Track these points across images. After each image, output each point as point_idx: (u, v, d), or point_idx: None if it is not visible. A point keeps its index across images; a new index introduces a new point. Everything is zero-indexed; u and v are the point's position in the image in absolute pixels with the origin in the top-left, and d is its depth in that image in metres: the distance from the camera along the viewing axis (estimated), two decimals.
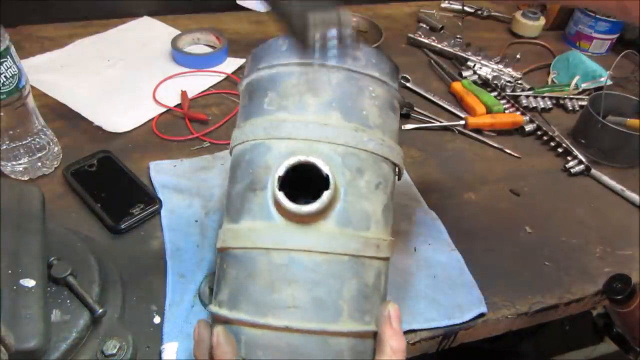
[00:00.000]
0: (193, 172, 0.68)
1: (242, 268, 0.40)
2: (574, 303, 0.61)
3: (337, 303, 0.38)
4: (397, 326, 0.39)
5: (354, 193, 0.40)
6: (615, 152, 0.79)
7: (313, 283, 0.38)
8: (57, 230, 0.54)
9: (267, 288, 0.38)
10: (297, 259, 0.38)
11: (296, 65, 0.43)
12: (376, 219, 0.41)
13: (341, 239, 0.39)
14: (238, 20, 1.06)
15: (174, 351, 0.49)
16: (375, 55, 0.44)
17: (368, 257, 0.40)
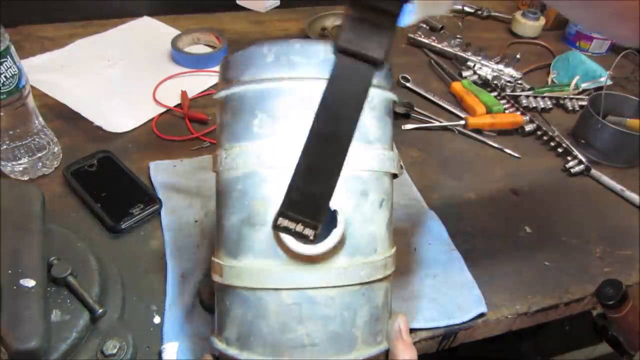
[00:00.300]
0: (193, 172, 0.68)
1: (249, 308, 0.38)
2: (574, 303, 0.61)
3: (351, 332, 0.38)
4: (407, 338, 0.39)
5: (360, 219, 0.39)
6: (615, 152, 0.79)
7: (327, 318, 0.37)
8: (57, 230, 0.54)
9: (279, 328, 0.37)
10: (309, 297, 0.37)
11: (288, 81, 0.38)
12: (381, 238, 0.40)
13: (351, 270, 0.37)
14: (238, 20, 1.06)
15: (174, 351, 0.49)
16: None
17: (377, 280, 0.39)
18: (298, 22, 1.07)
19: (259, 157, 0.38)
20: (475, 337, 0.58)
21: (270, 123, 0.38)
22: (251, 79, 0.39)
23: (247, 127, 0.39)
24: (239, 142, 0.40)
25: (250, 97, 0.39)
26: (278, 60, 0.39)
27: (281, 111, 0.38)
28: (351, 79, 0.27)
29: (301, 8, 1.12)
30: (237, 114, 0.40)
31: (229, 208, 0.40)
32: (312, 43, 0.39)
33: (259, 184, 0.38)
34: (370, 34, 0.27)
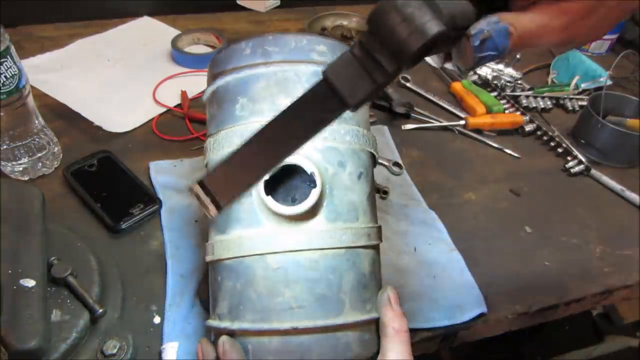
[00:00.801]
0: (193, 172, 0.68)
1: (238, 278, 0.39)
2: (574, 303, 0.61)
3: (338, 297, 0.39)
4: (397, 308, 0.40)
5: (339, 186, 0.41)
6: (615, 152, 0.79)
7: (313, 281, 0.38)
8: (57, 230, 0.54)
9: (267, 293, 0.38)
10: (293, 260, 0.38)
11: (263, 66, 0.42)
12: (363, 208, 0.42)
13: (333, 233, 0.39)
14: (238, 20, 1.06)
15: (174, 351, 0.49)
16: (339, 47, 0.45)
17: (361, 246, 0.41)
18: (298, 22, 1.07)
19: (242, 135, 0.41)
20: (475, 337, 0.58)
21: (250, 105, 0.42)
22: (232, 70, 0.43)
23: (231, 112, 0.43)
24: (223, 126, 0.43)
25: (232, 86, 0.43)
26: (255, 51, 0.43)
27: (259, 94, 0.42)
28: (318, 105, 0.29)
29: (301, 8, 1.12)
30: (221, 103, 0.44)
31: None
32: (284, 35, 0.43)
33: None
34: (357, 77, 0.28)
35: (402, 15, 0.26)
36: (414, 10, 0.26)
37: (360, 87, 0.28)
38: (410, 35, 0.26)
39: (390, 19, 0.26)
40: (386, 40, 0.27)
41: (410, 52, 0.26)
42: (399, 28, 0.26)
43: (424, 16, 0.26)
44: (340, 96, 0.28)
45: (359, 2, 1.15)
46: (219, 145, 0.42)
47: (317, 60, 0.43)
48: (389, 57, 0.27)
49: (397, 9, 0.26)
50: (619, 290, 0.63)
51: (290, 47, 0.43)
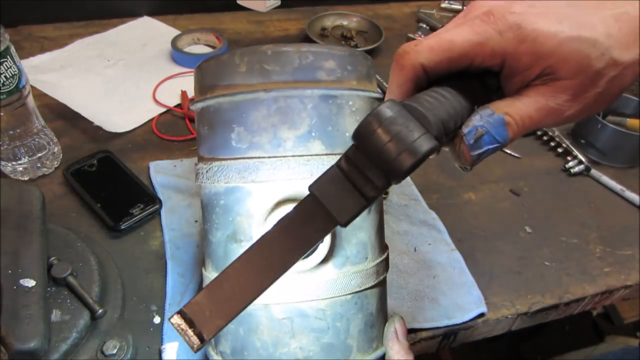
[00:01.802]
0: (193, 172, 0.68)
1: (241, 323, 0.38)
2: (574, 303, 0.61)
3: (346, 343, 0.37)
4: (404, 341, 0.39)
5: (349, 228, 0.37)
6: (615, 152, 0.79)
7: (319, 330, 0.37)
8: (57, 230, 0.54)
9: (272, 344, 0.37)
10: (300, 310, 0.37)
11: (263, 91, 0.36)
12: (372, 244, 0.40)
13: (342, 281, 0.37)
14: (238, 20, 1.06)
15: (174, 351, 0.49)
16: (349, 60, 0.39)
17: (370, 287, 0.39)
18: (298, 22, 1.07)
19: (240, 172, 0.37)
20: (475, 337, 0.58)
21: (248, 136, 0.37)
22: (225, 90, 0.38)
23: (225, 140, 0.38)
24: (218, 155, 0.39)
25: (225, 109, 0.38)
26: (252, 69, 0.37)
27: (258, 123, 0.37)
28: (307, 224, 0.28)
29: (301, 8, 1.12)
30: (213, 126, 0.39)
31: (214, 223, 0.39)
32: (285, 49, 0.37)
33: (242, 199, 0.37)
34: (347, 194, 0.27)
35: (390, 134, 0.25)
36: (402, 128, 0.25)
37: (351, 204, 0.27)
38: (400, 155, 0.25)
39: (378, 137, 0.25)
40: (375, 159, 0.25)
41: (401, 172, 0.25)
42: (387, 147, 0.25)
43: (413, 133, 0.25)
44: (330, 214, 0.27)
45: (359, 2, 1.16)
46: (214, 176, 0.38)
47: (325, 80, 0.37)
48: (378, 173, 0.26)
49: (385, 127, 0.25)
50: (619, 290, 0.63)
51: (294, 65, 0.37)
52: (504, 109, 0.30)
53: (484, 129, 0.29)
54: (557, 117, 0.30)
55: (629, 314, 1.32)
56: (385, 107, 0.26)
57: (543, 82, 0.29)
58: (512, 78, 0.30)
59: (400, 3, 1.20)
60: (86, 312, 0.47)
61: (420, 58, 0.30)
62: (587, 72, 0.28)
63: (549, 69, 0.29)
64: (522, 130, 0.30)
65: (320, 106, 0.37)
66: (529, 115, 0.30)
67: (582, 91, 0.29)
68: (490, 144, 0.30)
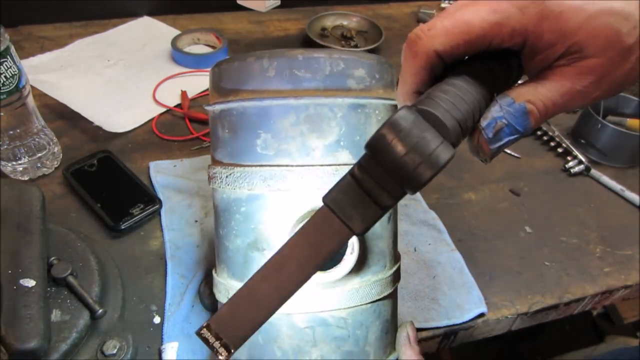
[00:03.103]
0: (193, 172, 0.68)
1: (260, 332, 0.36)
2: (574, 303, 0.61)
3: (364, 350, 0.38)
4: (415, 346, 0.39)
5: (371, 237, 0.38)
6: (615, 152, 0.79)
7: (340, 339, 0.37)
8: (57, 230, 0.54)
9: (293, 352, 0.37)
10: (322, 320, 0.37)
11: (293, 98, 0.36)
12: (390, 252, 0.40)
13: (364, 290, 0.37)
14: (238, 20, 1.06)
15: (174, 351, 0.49)
16: (377, 68, 0.38)
17: (387, 296, 0.39)
18: (298, 22, 1.07)
19: (265, 179, 0.36)
20: (475, 337, 0.58)
21: (275, 144, 0.36)
22: (251, 95, 0.37)
23: (250, 146, 0.37)
24: (241, 161, 0.38)
25: (251, 114, 0.37)
26: (281, 74, 0.36)
27: (286, 131, 0.36)
28: (324, 235, 0.28)
29: (301, 8, 1.12)
30: (236, 131, 0.38)
31: (232, 230, 0.38)
32: (316, 55, 0.36)
33: (266, 207, 0.37)
34: (362, 204, 0.26)
35: (407, 146, 0.24)
36: (419, 139, 0.24)
37: (367, 215, 0.26)
38: (418, 167, 0.24)
39: (394, 149, 0.24)
40: (391, 169, 0.25)
41: (420, 184, 0.25)
42: (405, 159, 0.24)
43: (431, 143, 0.24)
44: (345, 225, 0.27)
45: (359, 2, 1.16)
46: (235, 182, 0.37)
47: (355, 89, 0.37)
48: (394, 183, 0.25)
49: (401, 137, 0.24)
50: (619, 290, 0.63)
51: (325, 72, 0.36)
52: (525, 96, 0.27)
53: (503, 122, 0.27)
54: (582, 100, 0.28)
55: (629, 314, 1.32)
56: (400, 116, 0.25)
57: (568, 63, 0.27)
58: (534, 57, 0.28)
59: (400, 3, 1.20)
60: (86, 312, 0.47)
61: (434, 44, 0.28)
62: (616, 49, 0.26)
63: (575, 46, 0.26)
64: (546, 117, 0.28)
65: (349, 115, 0.37)
66: (553, 100, 0.28)
67: (610, 70, 0.27)
68: (511, 135, 0.28)
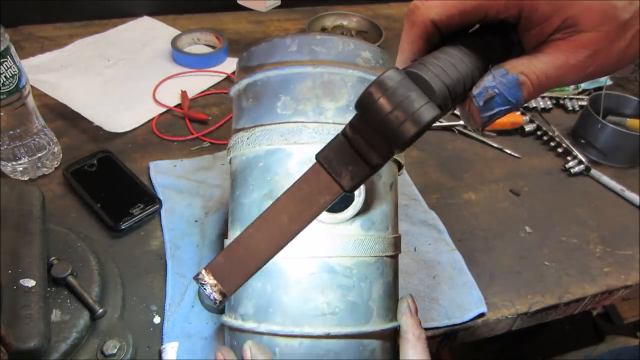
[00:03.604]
0: (193, 172, 0.68)
1: (269, 280, 0.38)
2: (574, 303, 0.61)
3: (368, 304, 0.39)
4: (417, 317, 0.40)
5: (375, 196, 0.40)
6: (615, 152, 0.79)
7: (346, 288, 0.38)
8: (57, 230, 0.54)
9: (300, 298, 0.37)
10: (329, 266, 0.38)
11: (310, 66, 0.41)
12: (392, 217, 0.42)
13: (367, 242, 0.39)
14: (238, 20, 1.06)
15: (174, 351, 0.49)
16: (381, 55, 0.44)
17: (389, 256, 0.41)
18: (298, 22, 1.07)
19: (283, 134, 0.40)
20: (475, 337, 0.58)
21: (293, 104, 0.41)
22: (275, 66, 0.42)
23: (271, 109, 0.41)
24: (262, 122, 0.41)
25: (274, 81, 0.42)
26: (301, 49, 0.42)
27: (304, 94, 0.41)
28: (315, 190, 0.29)
29: (301, 8, 1.12)
30: (259, 98, 0.42)
31: (249, 185, 0.41)
32: (331, 36, 0.42)
33: (283, 159, 0.40)
34: (352, 162, 0.28)
35: (393, 102, 0.25)
36: (404, 98, 0.25)
37: (356, 172, 0.27)
38: (402, 123, 0.25)
39: (380, 106, 0.25)
40: (378, 127, 0.26)
41: (404, 141, 0.25)
42: (390, 116, 0.25)
43: (415, 102, 0.25)
44: (335, 181, 0.28)
45: (359, 2, 1.15)
46: (255, 140, 0.41)
47: (362, 66, 0.42)
48: (382, 142, 0.26)
49: (387, 95, 0.25)
50: (619, 290, 0.63)
51: (338, 50, 0.42)
52: (519, 68, 0.28)
53: (494, 91, 0.28)
54: (577, 75, 0.28)
55: (629, 314, 1.33)
56: (386, 76, 0.25)
57: (563, 37, 0.27)
58: (530, 31, 0.28)
59: (400, 3, 1.20)
60: (86, 312, 0.47)
61: (431, 13, 0.29)
62: (612, 23, 0.26)
63: (570, 20, 0.27)
64: (539, 90, 0.28)
65: (357, 85, 0.41)
66: (547, 73, 0.28)
67: (605, 45, 0.27)
68: (503, 106, 0.28)
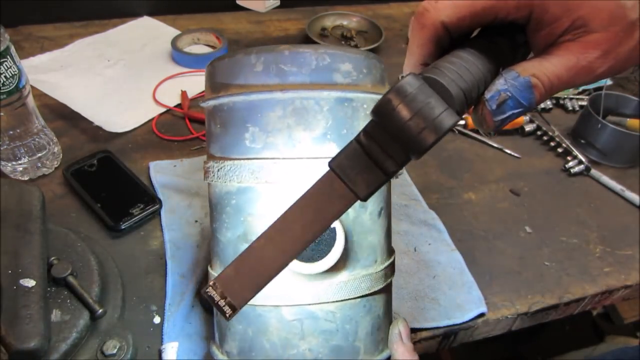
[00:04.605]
0: (193, 172, 0.68)
1: (250, 324, 0.38)
2: (574, 303, 0.61)
3: (354, 345, 0.38)
4: (408, 343, 0.39)
5: (360, 231, 0.38)
6: (615, 152, 0.79)
7: (329, 333, 0.37)
8: (57, 230, 0.54)
9: (281, 345, 0.37)
10: (310, 312, 0.37)
11: (279, 92, 0.36)
12: (381, 247, 0.40)
13: (352, 283, 0.37)
14: (238, 20, 1.06)
15: (174, 351, 0.49)
16: (364, 63, 0.39)
17: (378, 290, 0.39)
18: (298, 22, 1.07)
19: (253, 172, 0.37)
20: (475, 337, 0.58)
21: (263, 137, 0.37)
22: (240, 90, 0.38)
23: (239, 140, 0.38)
24: (231, 155, 0.38)
25: (239, 108, 0.38)
26: (268, 69, 0.37)
27: (273, 124, 0.37)
28: (328, 199, 0.28)
29: (301, 8, 1.12)
30: (226, 125, 0.39)
31: (224, 223, 0.39)
32: (302, 50, 0.37)
33: (255, 199, 0.37)
34: (367, 169, 0.27)
35: (412, 110, 0.25)
36: (423, 104, 0.25)
37: (371, 180, 0.27)
38: (422, 130, 0.25)
39: (399, 114, 0.25)
40: (396, 134, 0.25)
41: (423, 148, 0.25)
42: (409, 124, 0.25)
43: (435, 109, 0.25)
44: (350, 189, 0.27)
45: (359, 2, 1.15)
46: (226, 175, 0.38)
47: (342, 83, 0.37)
48: (399, 149, 0.26)
49: (406, 102, 0.25)
50: (619, 290, 0.63)
51: (311, 66, 0.37)
52: (530, 71, 0.28)
53: (507, 94, 0.28)
54: (587, 76, 0.28)
55: (629, 314, 1.32)
56: (406, 82, 0.25)
57: (573, 38, 0.28)
58: (540, 32, 0.29)
59: (400, 3, 1.20)
60: (86, 312, 0.47)
61: (441, 16, 0.29)
62: (621, 24, 0.27)
63: (579, 20, 0.27)
64: (550, 92, 0.28)
65: (335, 108, 0.37)
66: (558, 75, 0.28)
67: (615, 45, 0.27)
68: (515, 109, 0.28)
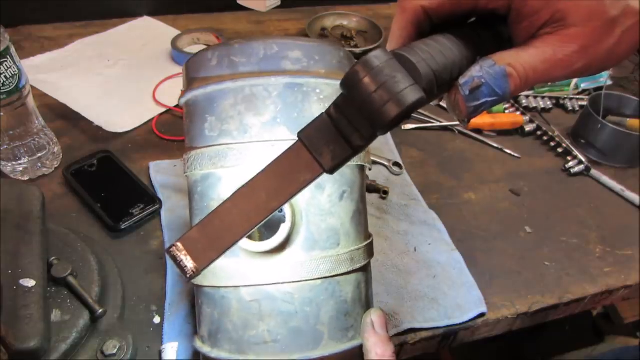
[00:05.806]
0: None
1: (215, 306, 0.39)
2: (574, 303, 0.61)
3: (315, 329, 0.38)
4: (382, 332, 0.38)
5: (316, 212, 0.38)
6: (615, 152, 0.79)
7: (287, 314, 0.37)
8: (57, 230, 0.54)
9: (242, 326, 0.38)
10: (267, 293, 0.37)
11: (230, 81, 0.39)
12: (345, 230, 0.40)
13: (309, 264, 0.37)
14: (238, 20, 1.06)
15: (174, 351, 0.49)
16: (317, 50, 0.41)
17: (343, 274, 0.39)
18: (298, 22, 1.07)
19: (211, 159, 0.39)
20: (475, 337, 0.58)
21: (218, 125, 0.39)
22: (200, 83, 0.40)
23: (200, 130, 0.40)
24: (195, 145, 0.41)
25: (200, 101, 0.41)
26: (221, 62, 0.40)
27: (226, 112, 0.39)
28: (294, 169, 0.28)
29: (301, 8, 1.12)
30: (192, 118, 0.42)
31: (194, 210, 0.41)
32: (251, 42, 0.40)
33: (215, 184, 0.39)
34: (334, 142, 0.27)
35: (377, 82, 0.24)
36: (389, 78, 0.24)
37: (337, 152, 0.27)
38: (385, 104, 0.24)
39: (364, 86, 0.25)
40: (361, 108, 0.25)
41: (386, 122, 0.25)
42: (373, 96, 0.25)
43: (400, 83, 0.24)
44: (316, 160, 0.27)
45: (359, 2, 1.16)
46: (192, 165, 0.40)
47: (291, 69, 0.39)
48: (365, 122, 0.26)
49: (372, 75, 0.25)
50: (619, 290, 0.63)
51: (259, 56, 0.39)
52: (506, 60, 0.28)
53: (481, 80, 0.28)
54: (564, 70, 0.28)
55: (629, 314, 1.33)
56: (373, 55, 0.25)
57: (552, 30, 0.28)
58: (520, 24, 0.29)
59: None
60: (86, 312, 0.47)
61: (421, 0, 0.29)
62: (600, 19, 0.26)
63: (558, 13, 0.27)
64: (526, 84, 0.28)
65: (285, 94, 0.39)
66: (534, 67, 0.28)
67: (594, 42, 0.27)
68: (489, 97, 0.28)
